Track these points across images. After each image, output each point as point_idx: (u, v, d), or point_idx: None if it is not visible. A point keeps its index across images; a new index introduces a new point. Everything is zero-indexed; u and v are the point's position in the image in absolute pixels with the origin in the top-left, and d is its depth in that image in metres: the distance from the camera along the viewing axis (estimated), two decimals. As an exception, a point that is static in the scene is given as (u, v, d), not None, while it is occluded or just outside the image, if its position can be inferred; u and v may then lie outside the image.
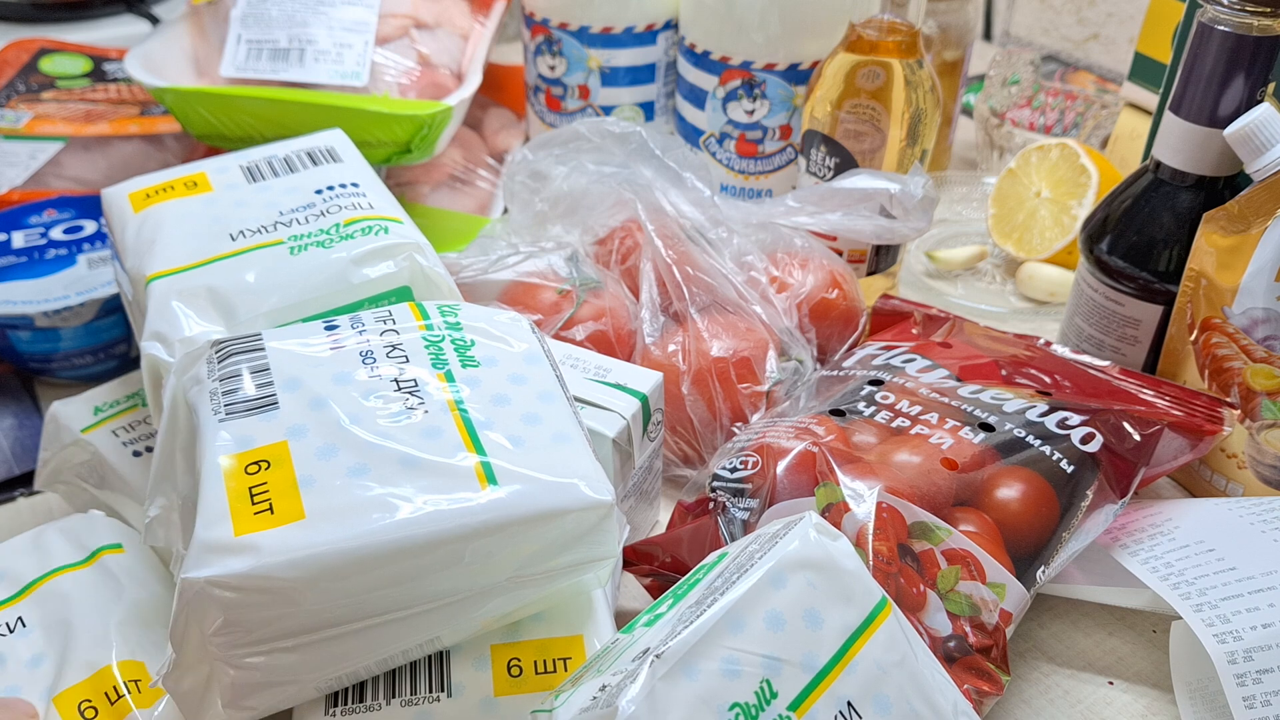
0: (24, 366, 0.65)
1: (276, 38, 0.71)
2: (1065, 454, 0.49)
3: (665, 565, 0.49)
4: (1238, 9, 0.51)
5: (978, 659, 0.43)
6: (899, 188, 0.62)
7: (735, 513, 0.48)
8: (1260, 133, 0.50)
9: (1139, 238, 0.58)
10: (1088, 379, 0.55)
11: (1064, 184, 0.77)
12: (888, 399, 0.52)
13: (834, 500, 0.46)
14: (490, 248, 0.64)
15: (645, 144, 0.65)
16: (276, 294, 0.46)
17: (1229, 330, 0.53)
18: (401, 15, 0.74)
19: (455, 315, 0.42)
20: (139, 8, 1.07)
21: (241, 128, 0.68)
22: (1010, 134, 0.89)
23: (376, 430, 0.36)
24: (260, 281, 0.46)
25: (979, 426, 0.50)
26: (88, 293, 0.63)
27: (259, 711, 0.36)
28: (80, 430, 0.54)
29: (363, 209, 0.50)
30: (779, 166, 0.76)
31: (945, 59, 0.86)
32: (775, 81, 0.72)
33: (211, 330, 0.44)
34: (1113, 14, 1.16)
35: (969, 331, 0.60)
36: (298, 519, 0.33)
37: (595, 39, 0.77)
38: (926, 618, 0.43)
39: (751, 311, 0.60)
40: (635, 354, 0.59)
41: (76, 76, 0.84)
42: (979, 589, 0.44)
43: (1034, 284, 0.76)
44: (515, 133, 0.89)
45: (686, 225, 0.62)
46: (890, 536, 0.45)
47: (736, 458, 0.50)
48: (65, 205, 0.70)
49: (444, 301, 0.44)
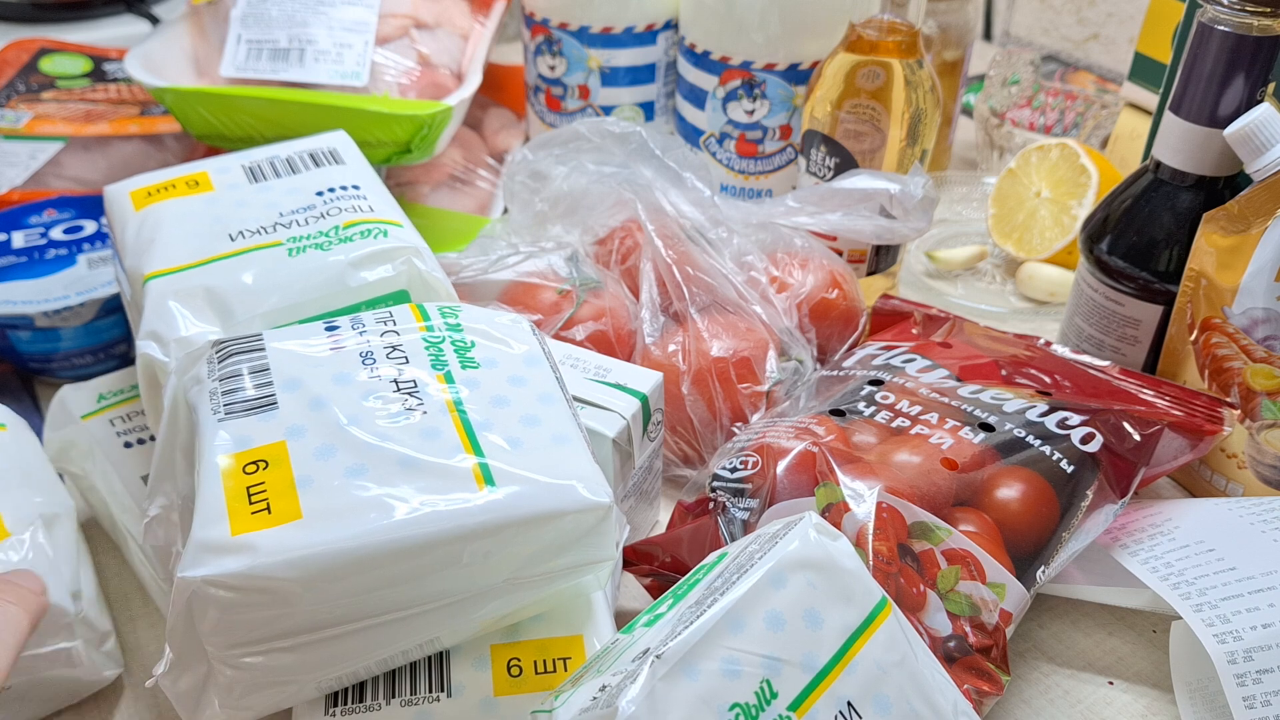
0: (24, 366, 0.65)
1: (276, 38, 0.71)
2: (1065, 454, 0.49)
3: (665, 565, 0.49)
4: (1238, 9, 0.51)
5: (978, 659, 0.43)
6: (899, 188, 0.62)
7: (735, 513, 0.48)
8: (1260, 133, 0.50)
9: (1139, 238, 0.57)
10: (1088, 379, 0.55)
11: (1064, 184, 0.77)
12: (888, 399, 0.52)
13: (834, 500, 0.46)
14: (490, 248, 0.64)
15: (645, 144, 0.65)
16: (274, 295, 0.46)
17: (1229, 330, 0.53)
18: (401, 15, 0.74)
19: (456, 316, 0.42)
20: (139, 8, 1.07)
21: (241, 128, 0.68)
22: (1010, 134, 0.89)
23: (375, 431, 0.36)
24: (258, 283, 0.46)
25: (979, 426, 0.50)
26: (88, 293, 0.63)
27: (257, 711, 0.35)
28: (80, 416, 0.54)
29: (363, 212, 0.50)
30: (779, 166, 0.76)
31: (945, 59, 0.86)
32: (775, 81, 0.72)
33: (208, 331, 0.44)
34: (1113, 14, 1.16)
35: (969, 331, 0.60)
36: (295, 519, 0.33)
37: (595, 39, 0.77)
38: (926, 618, 0.43)
39: (751, 311, 0.60)
40: (635, 354, 0.59)
41: (76, 76, 0.84)
42: (979, 589, 0.44)
43: (1034, 284, 0.76)
44: (515, 133, 0.89)
45: (686, 225, 0.62)
46: (890, 536, 0.45)
47: (736, 458, 0.50)
48: (65, 205, 0.70)
49: (445, 303, 0.44)
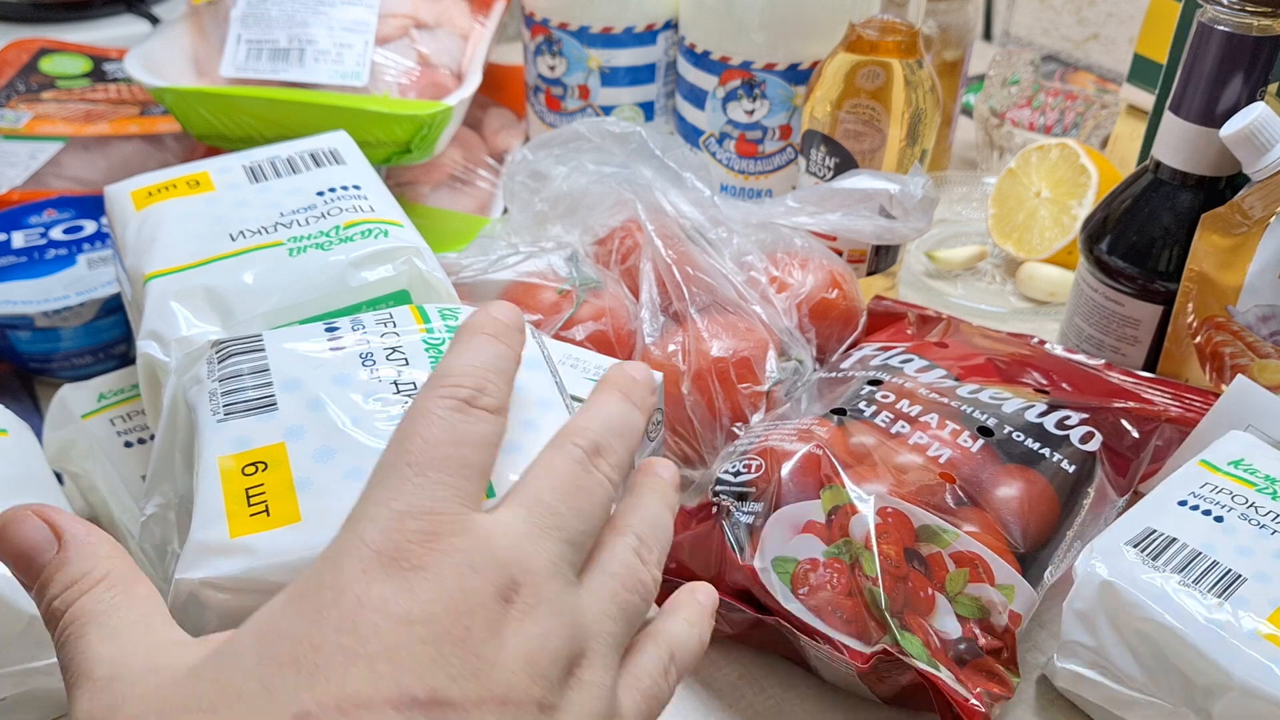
0: (24, 366, 0.65)
1: (276, 38, 0.71)
2: (1065, 454, 0.49)
3: (669, 572, 0.49)
4: (1238, 9, 0.51)
5: (988, 661, 0.43)
6: (899, 188, 0.62)
7: (739, 517, 0.47)
8: (1261, 133, 0.50)
9: (1139, 238, 0.57)
10: (1084, 376, 0.55)
11: (1064, 184, 0.77)
12: (887, 399, 0.52)
13: (840, 503, 0.46)
14: (490, 248, 0.64)
15: (645, 144, 0.65)
16: (274, 295, 0.46)
17: (1234, 328, 0.53)
18: (401, 15, 0.74)
19: (456, 319, 0.42)
20: (139, 8, 1.07)
21: (241, 128, 0.68)
22: (1010, 134, 0.89)
23: (375, 433, 0.36)
24: (258, 283, 0.46)
25: (979, 429, 0.50)
26: (87, 293, 0.63)
27: None
28: (80, 415, 0.54)
29: (364, 212, 0.50)
30: (779, 166, 0.76)
31: (945, 59, 0.86)
32: (775, 81, 0.72)
33: (208, 330, 0.44)
34: (1113, 14, 1.16)
35: (964, 331, 0.60)
36: (293, 521, 0.33)
37: (595, 39, 0.77)
38: (936, 621, 0.43)
39: (751, 311, 0.60)
40: (635, 354, 0.59)
41: (76, 76, 0.84)
42: (988, 591, 0.44)
43: (1034, 284, 0.76)
44: (515, 133, 0.89)
45: (686, 225, 0.62)
46: (897, 540, 0.44)
47: (739, 461, 0.50)
48: (65, 205, 0.70)
49: (445, 305, 0.44)
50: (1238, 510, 0.45)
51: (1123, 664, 0.43)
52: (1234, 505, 0.45)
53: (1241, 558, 0.43)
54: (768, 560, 0.45)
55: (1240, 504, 0.45)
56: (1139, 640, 0.43)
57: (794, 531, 0.46)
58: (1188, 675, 0.41)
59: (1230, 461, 0.48)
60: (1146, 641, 0.42)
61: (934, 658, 0.42)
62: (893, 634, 0.42)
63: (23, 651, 0.43)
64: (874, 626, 0.43)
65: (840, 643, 0.43)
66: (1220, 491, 0.46)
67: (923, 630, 0.43)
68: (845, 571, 0.44)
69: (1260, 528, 0.44)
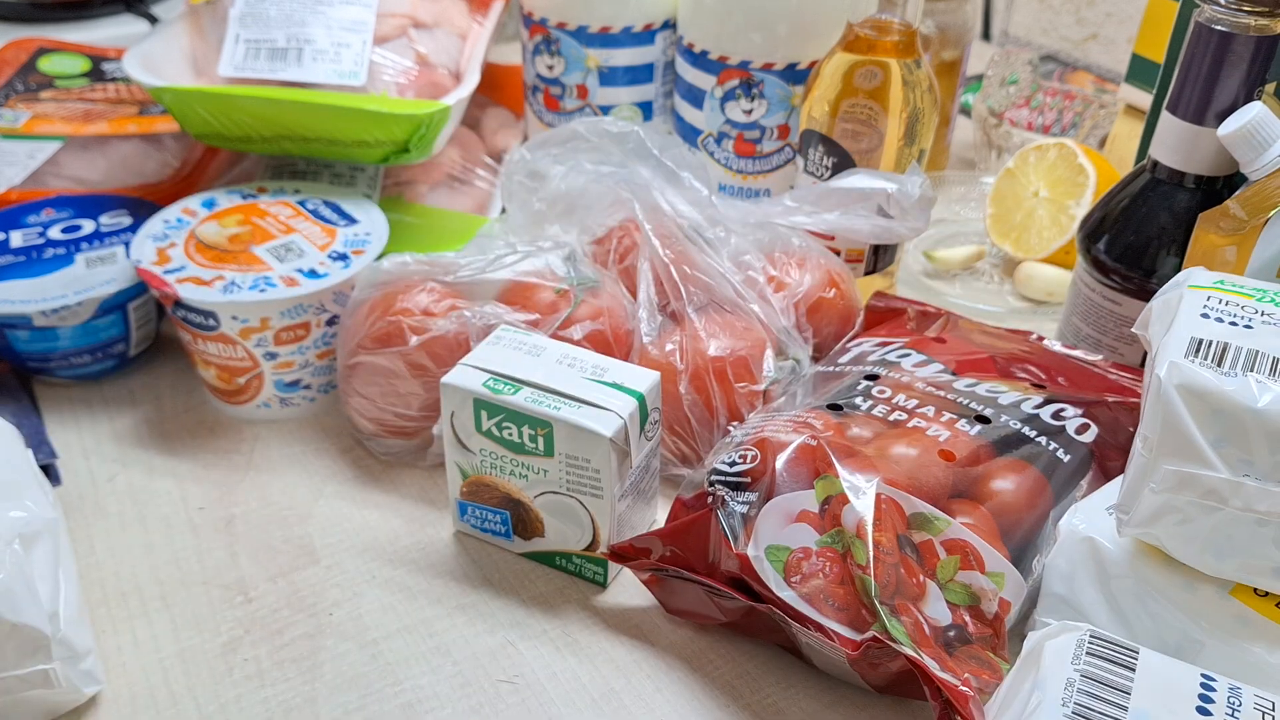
0: (22, 366, 0.65)
1: (275, 37, 0.71)
2: (1061, 445, 0.49)
3: (665, 559, 0.49)
4: (1234, 9, 0.51)
5: (977, 648, 0.43)
6: (896, 187, 0.62)
7: (734, 506, 0.48)
8: (1258, 132, 0.50)
9: (1136, 237, 0.58)
10: (1081, 372, 0.55)
11: (1062, 184, 0.77)
12: (884, 393, 0.52)
13: (833, 493, 0.46)
14: (488, 247, 0.64)
15: (643, 143, 0.65)
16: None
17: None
18: (399, 15, 0.74)
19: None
20: (138, 7, 1.07)
21: (240, 127, 0.68)
22: (1008, 134, 0.89)
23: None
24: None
25: (975, 419, 0.50)
26: (85, 292, 0.63)
27: None
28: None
29: None
30: (777, 166, 0.76)
31: (943, 59, 0.86)
32: (773, 81, 0.72)
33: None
34: (1111, 14, 1.16)
35: (963, 327, 0.60)
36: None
37: (593, 39, 0.77)
38: (926, 607, 0.44)
39: (749, 311, 0.60)
40: (633, 353, 0.59)
41: (75, 76, 0.84)
42: (978, 578, 0.45)
43: (1032, 284, 0.76)
44: (513, 132, 0.89)
45: (684, 225, 0.62)
46: (890, 528, 0.45)
47: (735, 452, 0.50)
48: (63, 205, 0.70)
49: None
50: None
51: (1098, 620, 0.44)
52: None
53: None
54: (761, 549, 0.46)
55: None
56: (1118, 595, 0.44)
57: (788, 521, 0.46)
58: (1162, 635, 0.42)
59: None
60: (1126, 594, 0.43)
61: (922, 644, 0.42)
62: (882, 621, 0.42)
63: (8, 659, 0.43)
64: (865, 614, 0.43)
65: (832, 630, 0.44)
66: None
67: (912, 616, 0.43)
68: (838, 560, 0.45)
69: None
